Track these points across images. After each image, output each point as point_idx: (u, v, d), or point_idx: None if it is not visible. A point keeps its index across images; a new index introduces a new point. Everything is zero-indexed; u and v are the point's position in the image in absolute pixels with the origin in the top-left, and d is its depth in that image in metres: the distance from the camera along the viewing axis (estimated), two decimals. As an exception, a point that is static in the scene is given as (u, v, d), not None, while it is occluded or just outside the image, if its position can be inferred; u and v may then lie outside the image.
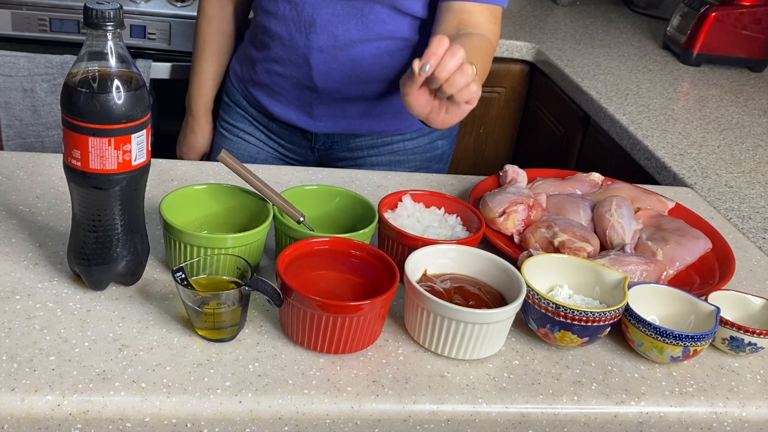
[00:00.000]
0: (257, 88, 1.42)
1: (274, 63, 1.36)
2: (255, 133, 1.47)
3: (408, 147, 1.44)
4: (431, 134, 1.45)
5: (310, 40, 1.29)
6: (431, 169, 1.49)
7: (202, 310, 0.79)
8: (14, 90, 1.85)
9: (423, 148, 1.45)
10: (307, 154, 1.46)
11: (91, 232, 0.83)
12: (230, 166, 0.93)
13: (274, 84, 1.38)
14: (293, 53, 1.32)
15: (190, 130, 1.56)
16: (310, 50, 1.30)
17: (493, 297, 0.88)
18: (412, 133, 1.43)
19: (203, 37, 1.49)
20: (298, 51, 1.31)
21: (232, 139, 1.49)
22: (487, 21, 1.24)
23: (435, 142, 1.46)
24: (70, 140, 0.78)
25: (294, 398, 0.76)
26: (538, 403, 0.81)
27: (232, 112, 1.49)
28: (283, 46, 1.32)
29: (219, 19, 1.47)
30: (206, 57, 1.50)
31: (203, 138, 1.56)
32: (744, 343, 0.90)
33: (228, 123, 1.49)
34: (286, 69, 1.35)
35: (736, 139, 1.62)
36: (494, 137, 2.24)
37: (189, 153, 1.58)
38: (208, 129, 1.56)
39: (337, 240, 0.89)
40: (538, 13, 2.47)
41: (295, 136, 1.43)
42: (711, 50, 2.10)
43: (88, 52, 0.77)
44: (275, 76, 1.37)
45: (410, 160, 1.45)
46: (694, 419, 0.84)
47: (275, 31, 1.32)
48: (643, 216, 1.15)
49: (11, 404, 0.71)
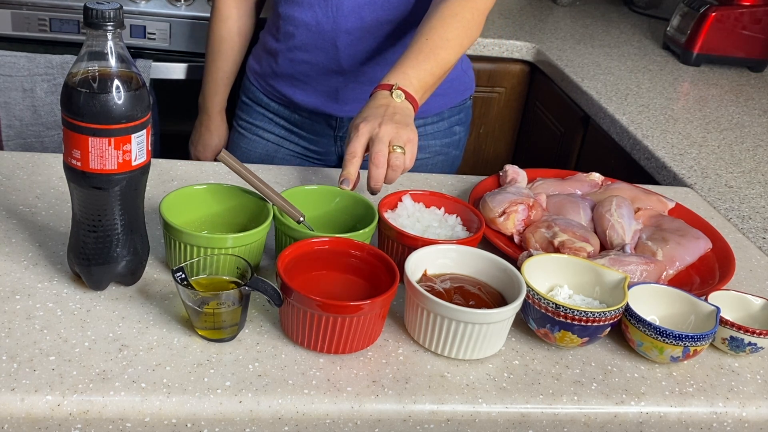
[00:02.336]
0: (279, 80, 1.43)
1: (298, 51, 1.37)
2: (275, 130, 1.48)
3: (429, 132, 1.45)
4: (450, 119, 1.47)
5: (337, 23, 1.32)
6: (449, 155, 1.50)
7: (202, 310, 0.79)
8: (14, 90, 1.85)
9: (443, 133, 1.47)
10: (329, 144, 1.46)
11: (91, 232, 0.83)
12: (230, 166, 0.93)
13: (299, 73, 1.39)
14: (319, 38, 1.34)
15: (205, 128, 1.57)
16: (338, 33, 1.32)
17: (493, 297, 0.88)
18: (432, 117, 1.44)
19: (219, 37, 1.50)
20: (325, 35, 1.33)
21: (250, 137, 1.50)
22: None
23: (453, 127, 1.49)
24: (70, 140, 0.78)
25: (294, 398, 0.76)
26: (538, 403, 0.81)
27: (250, 110, 1.50)
28: (308, 32, 1.34)
29: (235, 18, 1.49)
30: (222, 57, 1.51)
31: (219, 137, 1.57)
32: (744, 343, 0.90)
33: (246, 122, 1.50)
34: (312, 55, 1.36)
35: (736, 139, 1.62)
36: (494, 137, 2.24)
37: (205, 152, 1.59)
38: (224, 128, 1.58)
39: (337, 240, 0.89)
40: (538, 13, 2.47)
41: (319, 125, 1.44)
42: (711, 50, 2.10)
43: (88, 52, 0.77)
44: (300, 65, 1.38)
45: (431, 145, 1.46)
46: (694, 419, 0.84)
47: (300, 19, 1.34)
48: (643, 216, 1.15)
49: (11, 404, 0.71)
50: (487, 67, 2.14)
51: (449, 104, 1.46)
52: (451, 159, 1.51)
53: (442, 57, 1.15)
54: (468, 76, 1.50)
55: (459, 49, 1.19)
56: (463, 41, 1.19)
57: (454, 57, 1.18)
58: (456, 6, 1.19)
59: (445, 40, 1.16)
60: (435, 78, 1.15)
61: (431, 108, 1.41)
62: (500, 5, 2.50)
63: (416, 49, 1.15)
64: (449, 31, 1.17)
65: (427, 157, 1.46)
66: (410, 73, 1.11)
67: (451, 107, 1.46)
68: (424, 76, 1.12)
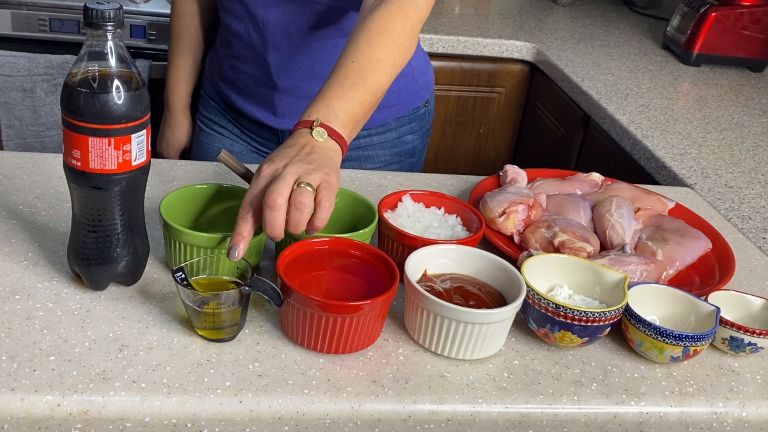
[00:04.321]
0: (225, 84, 1.43)
1: (236, 60, 1.37)
2: (228, 127, 1.48)
3: (375, 142, 1.43)
4: (398, 129, 1.44)
5: (265, 38, 1.30)
6: (404, 163, 1.48)
7: (202, 310, 0.79)
8: (14, 90, 1.85)
9: (391, 143, 1.44)
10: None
11: (91, 232, 0.83)
12: (230, 166, 0.93)
13: (239, 81, 1.39)
14: (252, 51, 1.33)
15: (168, 125, 1.57)
16: (267, 48, 1.31)
17: (493, 297, 0.88)
18: (377, 128, 1.41)
19: (178, 33, 1.50)
20: (256, 49, 1.32)
21: (209, 132, 1.50)
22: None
23: (404, 137, 1.45)
24: (70, 140, 0.78)
25: (294, 398, 0.76)
26: (538, 403, 0.81)
27: (207, 105, 1.50)
28: (242, 44, 1.33)
29: (192, 14, 1.48)
30: (181, 53, 1.51)
31: (181, 134, 1.57)
32: (744, 343, 0.90)
33: (204, 116, 1.51)
34: (248, 66, 1.35)
35: (736, 139, 1.62)
36: (494, 137, 2.24)
37: (168, 149, 1.59)
38: (186, 124, 1.56)
39: (337, 240, 0.89)
40: (538, 13, 2.47)
41: (264, 131, 1.44)
42: (711, 50, 2.10)
43: (88, 52, 0.77)
44: (239, 73, 1.38)
45: (380, 155, 1.44)
46: (694, 419, 0.84)
47: (235, 29, 1.33)
48: (643, 216, 1.15)
49: (11, 404, 0.71)
50: (487, 67, 2.14)
51: (395, 115, 1.41)
52: (406, 167, 1.48)
53: (373, 81, 0.97)
54: (419, 83, 1.41)
55: (392, 70, 1.01)
56: (395, 60, 1.01)
57: (386, 79, 1.00)
58: (384, 20, 1.02)
59: (374, 61, 0.98)
60: (366, 106, 0.97)
61: (374, 120, 1.34)
62: (500, 5, 2.51)
63: (341, 74, 0.96)
64: (378, 50, 0.99)
65: (378, 167, 1.44)
66: (334, 105, 0.92)
67: (399, 117, 1.41)
68: (351, 107, 0.93)
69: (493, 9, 2.45)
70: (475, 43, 2.09)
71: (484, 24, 2.24)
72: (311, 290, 0.80)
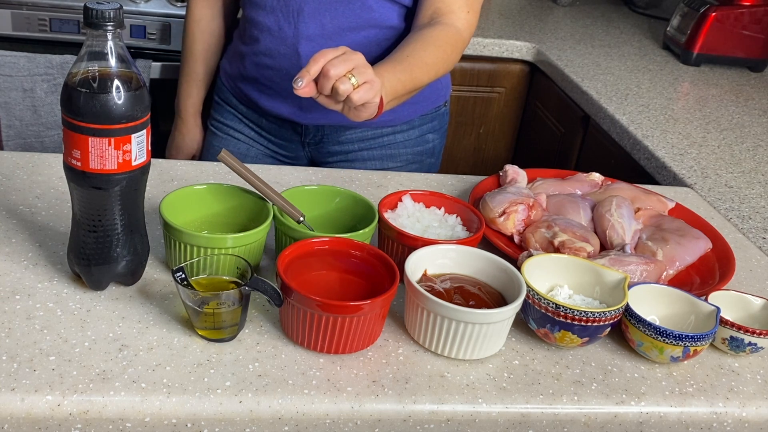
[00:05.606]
0: (247, 84, 1.42)
1: (263, 56, 1.36)
2: (245, 131, 1.47)
3: (399, 140, 1.44)
4: (421, 127, 1.45)
5: (298, 29, 1.30)
6: (424, 163, 1.49)
7: (202, 310, 0.79)
8: (14, 90, 1.85)
9: (414, 141, 1.45)
10: (297, 149, 1.46)
11: (91, 232, 0.83)
12: (230, 165, 0.93)
13: (264, 77, 1.38)
14: (282, 44, 1.33)
15: (178, 132, 1.57)
16: (299, 39, 1.31)
17: (493, 297, 0.88)
18: (402, 125, 1.43)
19: (192, 39, 1.49)
20: (287, 41, 1.32)
21: (222, 137, 1.49)
22: (460, 9, 1.27)
23: (425, 135, 1.47)
24: (70, 140, 0.78)
25: (294, 398, 0.76)
26: (538, 403, 0.81)
27: (222, 110, 1.49)
28: (272, 37, 1.33)
29: (207, 19, 1.48)
30: (195, 58, 1.50)
31: (191, 140, 1.56)
32: (744, 343, 0.90)
33: (218, 121, 1.50)
34: (276, 61, 1.35)
35: (736, 139, 1.62)
36: (494, 137, 2.24)
37: (177, 155, 1.58)
38: (197, 131, 1.56)
39: (337, 240, 0.89)
40: (538, 13, 2.47)
41: (286, 131, 1.43)
42: (711, 50, 2.10)
43: (88, 52, 0.77)
44: (265, 69, 1.37)
45: (402, 153, 1.45)
46: (694, 419, 0.84)
47: (264, 23, 1.33)
48: (643, 216, 1.15)
49: (11, 404, 0.71)
50: (487, 67, 2.14)
51: (420, 112, 1.44)
52: (425, 167, 1.49)
53: (417, 76, 1.18)
54: (441, 82, 1.46)
55: (434, 74, 1.23)
56: (439, 69, 1.24)
57: (427, 79, 1.22)
58: (441, 37, 1.23)
59: (423, 63, 1.20)
60: (405, 90, 1.17)
61: (400, 116, 1.40)
62: (500, 5, 2.51)
63: (396, 59, 1.17)
64: (429, 56, 1.20)
65: (399, 166, 1.45)
66: (385, 76, 1.10)
67: (422, 115, 1.44)
68: (395, 84, 1.12)
69: (493, 9, 2.45)
70: (475, 43, 2.09)
71: (484, 24, 2.24)
72: (311, 290, 0.80)
